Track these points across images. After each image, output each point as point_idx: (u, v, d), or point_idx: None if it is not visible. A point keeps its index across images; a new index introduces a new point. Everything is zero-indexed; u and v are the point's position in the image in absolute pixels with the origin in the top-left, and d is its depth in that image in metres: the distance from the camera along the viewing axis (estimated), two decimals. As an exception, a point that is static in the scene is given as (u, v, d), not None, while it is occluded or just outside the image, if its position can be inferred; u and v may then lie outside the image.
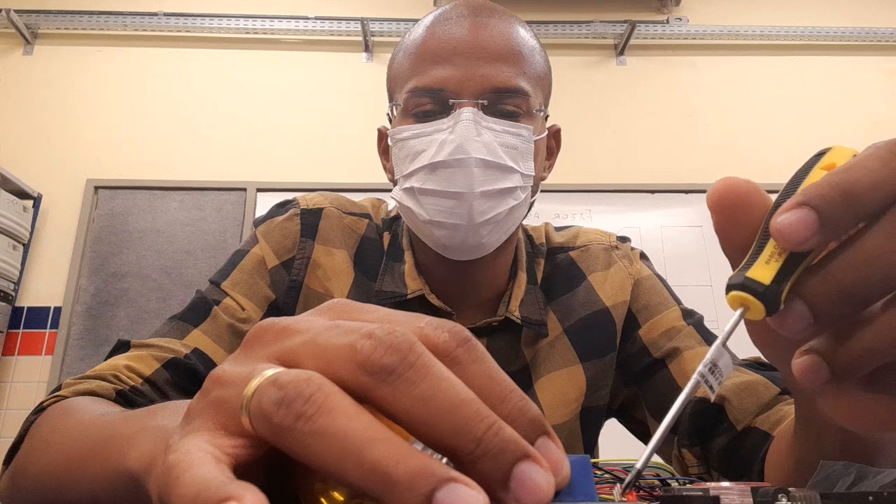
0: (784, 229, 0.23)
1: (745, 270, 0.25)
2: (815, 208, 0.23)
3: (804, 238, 0.23)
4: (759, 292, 0.24)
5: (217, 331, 0.66)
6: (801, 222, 0.23)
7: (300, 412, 0.19)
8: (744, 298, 0.24)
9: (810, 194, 0.24)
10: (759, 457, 0.55)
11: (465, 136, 0.62)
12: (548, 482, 0.19)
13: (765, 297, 0.24)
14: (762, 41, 2.95)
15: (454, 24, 0.66)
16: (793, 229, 0.23)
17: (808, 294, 0.24)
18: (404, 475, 0.17)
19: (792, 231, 0.23)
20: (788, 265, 0.24)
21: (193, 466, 0.19)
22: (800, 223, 0.23)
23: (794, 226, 0.23)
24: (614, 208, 2.63)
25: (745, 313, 0.25)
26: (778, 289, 0.24)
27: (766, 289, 0.24)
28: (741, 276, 0.25)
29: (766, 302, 0.24)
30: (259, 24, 2.84)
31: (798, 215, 0.23)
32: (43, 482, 0.43)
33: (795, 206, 0.24)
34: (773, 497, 0.23)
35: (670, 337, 0.70)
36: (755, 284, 0.24)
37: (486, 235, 0.65)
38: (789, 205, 0.24)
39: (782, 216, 0.24)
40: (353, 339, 0.20)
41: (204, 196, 2.60)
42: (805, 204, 0.23)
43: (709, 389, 0.25)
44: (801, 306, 0.24)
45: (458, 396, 0.19)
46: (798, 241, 0.23)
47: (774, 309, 0.24)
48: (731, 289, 0.25)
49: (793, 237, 0.23)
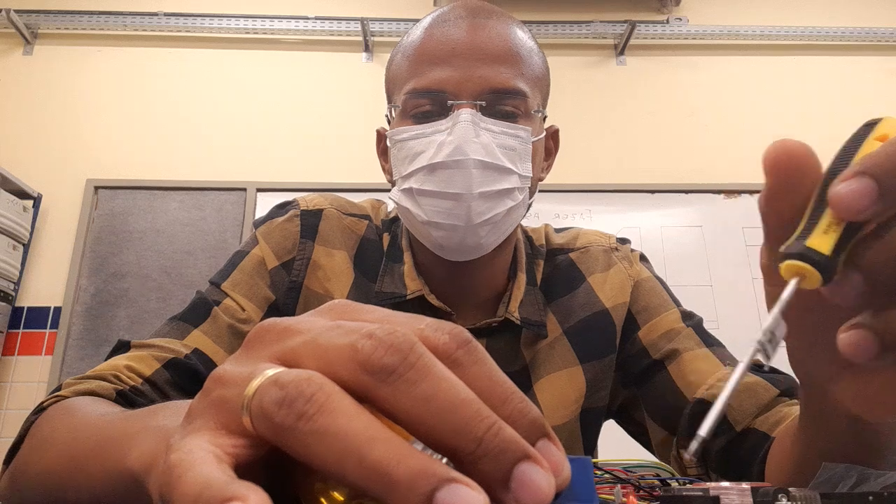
0: (844, 198, 0.23)
1: (803, 240, 0.24)
2: (875, 178, 0.23)
3: (864, 207, 0.23)
4: (819, 262, 0.24)
5: (217, 331, 0.66)
6: (862, 191, 0.23)
7: (301, 412, 0.19)
8: (801, 268, 0.24)
9: (869, 164, 0.23)
10: (758, 457, 0.55)
11: (463, 138, 0.62)
12: (548, 482, 0.19)
13: (824, 267, 0.24)
14: (762, 41, 2.95)
15: (452, 25, 0.66)
16: (853, 198, 0.23)
17: (864, 263, 0.24)
18: (405, 475, 0.17)
19: (852, 200, 0.23)
20: (845, 235, 0.24)
21: (195, 466, 0.19)
22: (860, 192, 0.23)
23: (854, 195, 0.23)
24: (614, 208, 2.63)
25: (800, 283, 0.24)
26: (836, 259, 0.24)
27: (827, 259, 0.24)
28: (800, 246, 0.24)
29: (824, 272, 0.24)
30: (259, 24, 2.84)
31: (858, 184, 0.23)
32: (43, 482, 0.43)
33: (855, 175, 0.23)
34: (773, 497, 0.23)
35: (670, 339, 0.70)
36: (815, 254, 0.24)
37: (485, 236, 0.65)
38: (848, 174, 0.24)
39: (842, 185, 0.23)
40: (353, 339, 0.20)
41: (204, 196, 2.60)
42: (864, 173, 0.23)
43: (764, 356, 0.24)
44: (856, 275, 0.24)
45: (458, 396, 0.19)
46: (858, 210, 0.23)
47: (830, 279, 0.24)
48: (790, 257, 0.24)
49: (853, 206, 0.23)
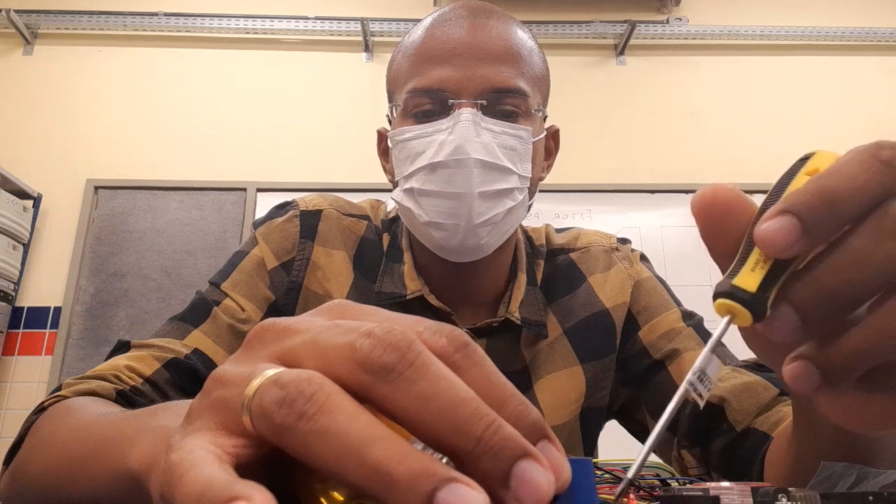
0: (767, 237, 0.24)
1: (731, 278, 0.25)
2: (797, 215, 0.23)
3: (787, 245, 0.23)
4: (745, 300, 0.24)
5: (217, 331, 0.66)
6: (784, 229, 0.23)
7: (301, 412, 0.19)
8: (730, 306, 0.24)
9: (792, 201, 0.24)
10: (758, 457, 0.55)
11: (464, 137, 0.62)
12: (548, 480, 0.19)
13: (751, 305, 0.24)
14: (762, 41, 2.95)
15: (453, 25, 0.66)
16: (776, 236, 0.23)
17: (795, 299, 0.24)
18: (405, 475, 0.17)
19: (775, 238, 0.23)
20: (774, 271, 0.24)
21: (197, 465, 0.19)
22: (782, 230, 0.23)
23: (777, 233, 0.23)
24: (614, 208, 2.63)
25: (732, 321, 0.25)
26: (763, 296, 0.24)
27: (753, 296, 0.24)
28: (727, 284, 0.25)
29: (752, 309, 0.24)
30: (259, 24, 2.84)
31: (781, 223, 0.24)
32: (43, 482, 0.43)
33: (778, 213, 0.24)
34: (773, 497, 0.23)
35: (670, 338, 0.70)
36: (741, 292, 0.24)
37: (485, 237, 0.65)
38: (772, 212, 0.24)
39: (765, 224, 0.24)
40: (352, 338, 0.20)
41: (204, 196, 2.60)
42: (787, 211, 0.24)
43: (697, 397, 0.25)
44: (788, 311, 0.24)
45: (457, 395, 0.19)
46: (781, 248, 0.24)
47: (761, 315, 0.24)
48: (718, 296, 0.25)
49: (776, 244, 0.24)
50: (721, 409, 0.61)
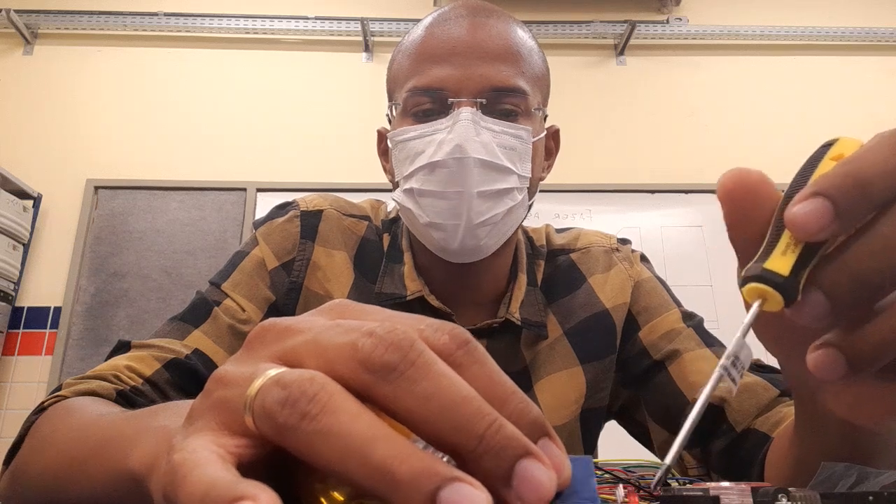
0: (799, 219, 0.23)
1: (761, 262, 0.24)
2: (830, 198, 0.23)
3: (820, 228, 0.23)
4: (778, 283, 0.24)
5: (217, 331, 0.66)
6: (817, 212, 0.23)
7: (304, 411, 0.19)
8: (762, 290, 0.24)
9: (824, 184, 0.24)
10: (758, 458, 0.55)
11: (463, 136, 0.62)
12: (550, 479, 0.19)
13: (784, 288, 0.24)
14: (762, 41, 2.95)
15: (453, 24, 0.66)
16: (808, 219, 0.23)
17: (825, 283, 0.24)
18: (408, 474, 0.18)
19: (807, 221, 0.23)
20: (805, 256, 0.24)
21: (200, 466, 0.19)
22: (815, 213, 0.23)
23: (810, 216, 0.23)
24: (614, 208, 2.63)
25: (762, 305, 0.24)
26: (796, 280, 0.24)
27: (785, 280, 0.24)
28: (758, 268, 0.24)
29: (784, 293, 0.24)
30: (259, 24, 2.84)
31: (813, 205, 0.23)
32: (43, 482, 0.43)
33: (810, 196, 0.24)
34: (774, 497, 0.23)
35: (670, 339, 0.70)
36: (773, 276, 0.24)
37: (484, 237, 0.65)
38: (803, 195, 0.24)
39: (797, 206, 0.24)
40: (354, 337, 0.20)
41: (204, 196, 2.60)
42: (819, 194, 0.23)
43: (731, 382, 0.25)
44: (818, 296, 0.24)
45: (459, 394, 0.19)
46: (814, 230, 0.23)
47: (793, 300, 0.24)
48: (749, 280, 0.24)
49: (808, 227, 0.23)
50: (721, 410, 0.61)
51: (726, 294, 2.45)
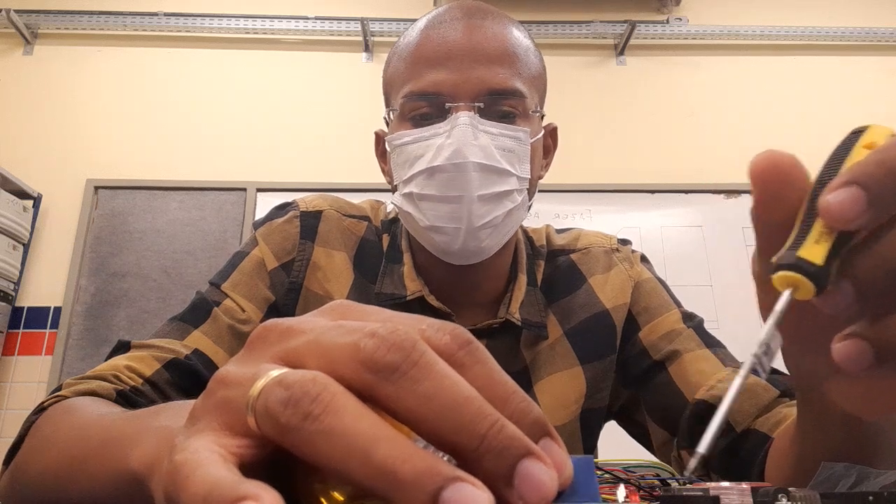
0: (833, 208, 0.23)
1: (794, 250, 0.24)
2: (864, 186, 0.23)
3: (854, 216, 0.23)
4: (812, 272, 0.24)
5: (217, 332, 0.66)
6: (851, 201, 0.23)
7: (307, 412, 0.19)
8: (794, 279, 0.24)
9: (858, 172, 0.23)
10: (758, 458, 0.55)
11: (462, 141, 0.62)
12: (551, 478, 0.19)
13: (817, 277, 0.24)
14: (762, 41, 2.95)
15: (448, 27, 0.66)
16: (843, 208, 0.23)
17: (857, 273, 0.24)
18: (411, 474, 0.18)
19: (842, 210, 0.23)
20: (837, 245, 0.24)
21: (202, 466, 0.19)
22: (849, 202, 0.23)
23: (844, 204, 0.23)
24: (614, 208, 2.63)
25: (793, 293, 0.24)
26: (829, 269, 0.24)
27: (819, 269, 0.24)
28: (792, 256, 0.24)
29: (817, 282, 0.24)
30: (259, 24, 2.84)
31: (847, 194, 0.23)
32: (43, 482, 0.43)
33: (844, 184, 0.23)
34: (774, 497, 0.23)
35: (670, 339, 0.70)
36: (808, 265, 0.24)
37: (486, 239, 0.65)
38: (837, 183, 0.24)
39: (832, 195, 0.23)
40: (356, 338, 0.20)
41: (204, 196, 2.60)
42: (854, 182, 0.23)
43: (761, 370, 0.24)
44: (847, 285, 0.24)
45: (461, 394, 0.19)
46: (848, 219, 0.23)
47: (823, 289, 0.24)
48: (783, 268, 0.24)
49: (843, 216, 0.23)
50: (721, 410, 0.61)
51: (726, 294, 2.45)
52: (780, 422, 0.56)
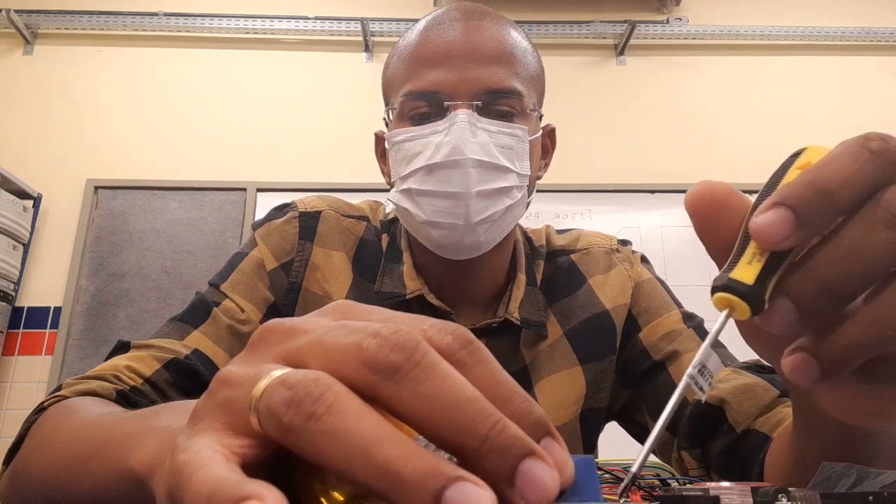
0: (762, 229, 0.24)
1: (728, 272, 0.25)
2: (791, 207, 0.24)
3: (782, 237, 0.24)
4: (743, 292, 0.24)
5: (217, 332, 0.66)
6: (779, 222, 0.24)
7: (310, 412, 0.19)
8: (728, 299, 0.25)
9: (785, 194, 0.24)
10: (758, 458, 0.55)
11: (460, 138, 0.62)
12: (553, 479, 0.19)
13: (749, 297, 0.24)
14: (762, 41, 2.95)
15: (447, 27, 0.67)
16: (771, 229, 0.24)
17: (792, 291, 0.24)
18: (413, 474, 0.18)
19: (770, 231, 0.24)
20: (770, 264, 0.24)
21: (205, 465, 0.19)
22: (777, 223, 0.24)
23: (772, 226, 0.24)
24: (614, 208, 2.63)
25: (731, 314, 0.25)
26: (761, 288, 0.24)
27: (750, 289, 0.24)
28: (724, 278, 0.25)
29: (750, 302, 0.24)
30: (259, 24, 2.84)
31: (775, 215, 0.24)
32: (44, 482, 0.43)
33: (772, 206, 0.24)
34: (774, 497, 0.23)
35: (670, 340, 0.70)
36: (738, 285, 0.24)
37: (483, 234, 0.65)
38: (766, 205, 0.24)
39: (760, 217, 0.24)
40: (358, 338, 0.20)
41: (204, 196, 2.60)
42: (781, 203, 0.24)
43: (698, 391, 0.25)
44: (785, 304, 0.24)
45: (463, 394, 0.20)
46: (776, 240, 0.24)
47: (759, 308, 0.24)
48: (716, 290, 0.25)
49: (771, 237, 0.24)
50: (721, 411, 0.61)
51: (726, 294, 2.44)
52: (779, 422, 0.56)
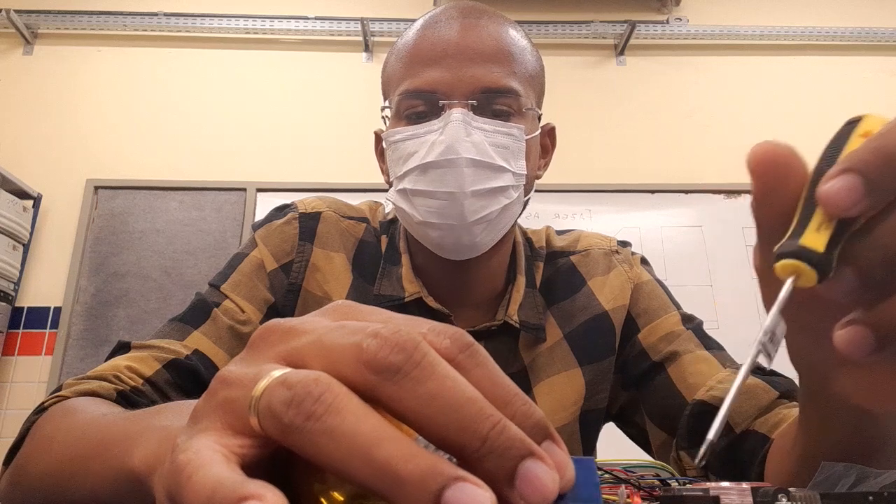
0: (832, 196, 0.24)
1: (796, 239, 0.25)
2: (861, 173, 0.23)
3: (852, 204, 0.23)
4: (814, 260, 0.24)
5: (217, 332, 0.66)
6: (849, 188, 0.23)
7: (310, 412, 0.19)
8: (797, 266, 0.24)
9: (854, 160, 0.24)
10: (757, 459, 0.55)
11: (454, 137, 0.62)
12: (553, 480, 0.19)
13: (819, 265, 0.24)
14: (762, 41, 2.95)
15: (444, 26, 0.67)
16: (841, 196, 0.23)
17: (858, 259, 0.24)
18: (413, 474, 0.18)
19: (840, 198, 0.23)
20: (838, 232, 0.24)
21: (205, 466, 0.19)
22: (847, 189, 0.23)
23: (842, 192, 0.23)
24: (614, 208, 2.63)
25: (796, 281, 0.24)
26: (830, 256, 0.24)
27: (821, 256, 0.24)
28: (794, 244, 0.24)
29: (820, 269, 0.24)
30: (259, 24, 2.84)
31: (845, 181, 0.23)
32: (44, 482, 0.43)
33: (841, 172, 0.24)
34: (773, 497, 0.23)
35: (669, 341, 0.70)
36: (809, 252, 0.24)
37: (480, 234, 0.65)
38: (834, 172, 0.24)
39: (829, 183, 0.24)
40: (358, 338, 0.20)
41: (204, 196, 2.60)
42: (850, 170, 0.24)
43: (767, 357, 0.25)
44: (849, 271, 0.24)
45: (463, 394, 0.20)
46: (846, 207, 0.23)
47: (826, 276, 0.24)
48: (785, 257, 0.24)
49: (841, 203, 0.23)
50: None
51: (726, 294, 2.45)
52: (779, 423, 0.56)
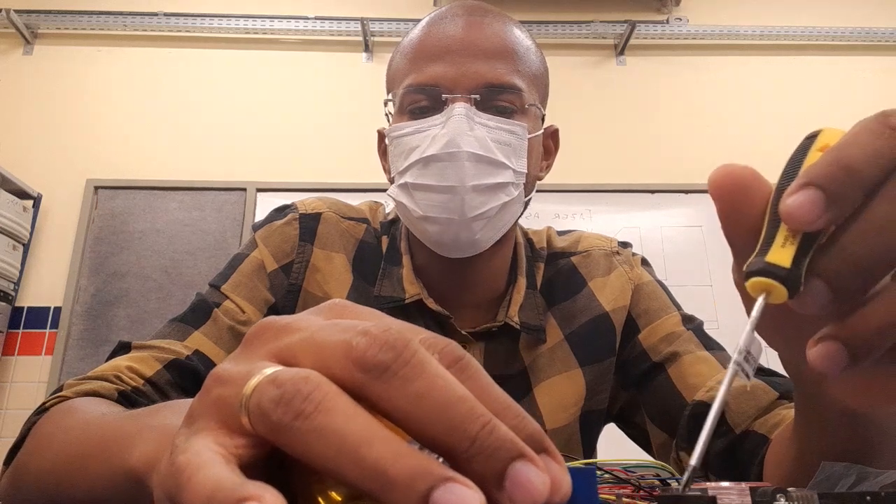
0: (794, 211, 0.24)
1: (762, 256, 0.25)
2: (821, 187, 0.24)
3: (814, 217, 0.24)
4: (782, 276, 0.24)
5: (218, 333, 0.66)
6: (810, 202, 0.24)
7: (299, 410, 0.19)
8: (766, 284, 0.24)
9: (813, 174, 0.24)
10: (756, 459, 0.55)
11: (457, 131, 0.62)
12: (543, 482, 0.19)
13: (787, 280, 0.24)
14: (762, 41, 2.95)
15: (448, 23, 0.67)
16: (803, 210, 0.24)
17: (825, 271, 0.24)
18: (402, 474, 0.18)
19: (802, 211, 0.24)
20: (803, 246, 0.24)
21: (204, 467, 0.19)
22: (808, 203, 0.24)
23: (804, 206, 0.24)
24: (614, 208, 2.63)
25: (767, 298, 0.25)
26: (798, 271, 0.24)
27: (788, 272, 0.24)
28: (761, 262, 0.25)
29: (788, 285, 0.24)
30: (259, 24, 2.84)
31: (805, 196, 0.24)
32: (44, 481, 0.43)
33: (801, 187, 0.24)
34: (772, 497, 0.23)
35: (670, 342, 0.70)
36: (776, 269, 0.24)
37: (479, 231, 0.65)
38: (795, 187, 0.24)
39: (790, 199, 0.24)
40: (349, 336, 0.20)
41: (204, 196, 2.60)
42: (810, 184, 0.24)
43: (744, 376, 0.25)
44: (819, 284, 0.24)
45: (453, 394, 0.19)
46: (809, 220, 0.24)
47: (796, 291, 0.24)
48: (753, 275, 0.25)
49: (803, 218, 0.24)
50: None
51: (726, 294, 2.44)
52: (778, 423, 0.56)
